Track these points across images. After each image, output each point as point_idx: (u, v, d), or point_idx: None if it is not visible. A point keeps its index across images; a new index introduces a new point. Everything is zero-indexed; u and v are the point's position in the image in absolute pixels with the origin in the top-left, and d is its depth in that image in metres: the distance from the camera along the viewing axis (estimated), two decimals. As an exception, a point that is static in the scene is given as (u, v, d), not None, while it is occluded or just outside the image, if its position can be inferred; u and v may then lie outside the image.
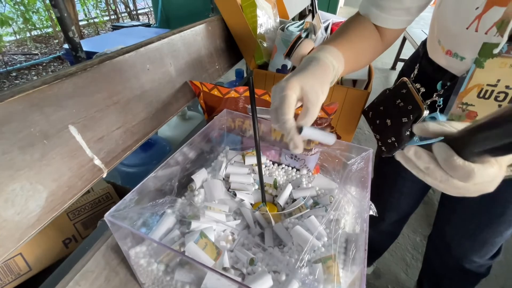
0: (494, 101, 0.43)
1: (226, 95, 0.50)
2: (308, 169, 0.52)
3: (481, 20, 0.40)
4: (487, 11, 0.39)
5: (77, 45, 1.85)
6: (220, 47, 0.66)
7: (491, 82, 0.42)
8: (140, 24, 3.62)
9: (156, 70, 0.44)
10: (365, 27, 0.45)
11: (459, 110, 0.47)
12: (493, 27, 0.39)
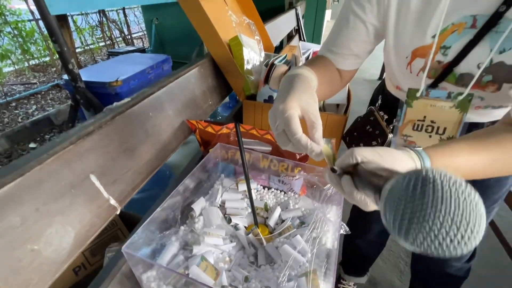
0: (425, 132, 0.52)
1: (218, 132, 0.58)
2: (294, 192, 0.59)
3: (410, 66, 0.49)
4: (412, 62, 0.48)
5: (76, 76, 1.95)
6: (212, 85, 0.74)
7: (419, 118, 0.51)
8: (135, 49, 3.76)
9: (157, 115, 0.52)
10: (328, 64, 0.52)
11: (402, 140, 0.56)
12: (420, 72, 0.48)
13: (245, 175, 0.48)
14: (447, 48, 0.44)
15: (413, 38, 0.45)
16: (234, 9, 0.95)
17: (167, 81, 0.56)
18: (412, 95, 0.50)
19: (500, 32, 0.38)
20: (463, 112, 0.47)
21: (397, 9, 0.45)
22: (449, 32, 0.42)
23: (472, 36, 0.41)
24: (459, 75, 0.46)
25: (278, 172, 0.57)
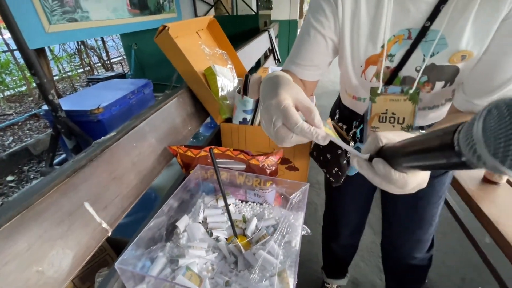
0: (389, 123, 0.62)
1: (197, 155, 0.65)
2: (268, 203, 0.66)
3: (364, 73, 0.59)
4: (366, 70, 0.58)
5: (57, 107, 1.96)
6: (191, 112, 0.82)
7: (382, 111, 0.61)
8: (115, 74, 3.79)
9: (141, 145, 0.59)
10: (292, 77, 0.58)
11: (371, 131, 0.65)
12: (373, 77, 0.58)
13: (222, 193, 0.55)
14: (392, 55, 0.54)
15: (366, 49, 0.54)
16: (207, 41, 1.05)
17: (149, 113, 0.64)
18: (374, 92, 0.59)
19: (429, 41, 0.49)
20: (415, 103, 0.56)
21: (350, 26, 0.54)
22: (392, 42, 0.52)
23: (409, 45, 0.51)
24: (402, 78, 0.56)
25: (253, 186, 0.65)
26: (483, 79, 0.46)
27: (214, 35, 1.11)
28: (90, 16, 2.12)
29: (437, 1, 0.45)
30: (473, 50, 0.46)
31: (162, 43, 0.77)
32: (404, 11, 0.48)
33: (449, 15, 0.45)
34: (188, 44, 0.89)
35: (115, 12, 2.39)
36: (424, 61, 0.51)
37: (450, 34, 0.47)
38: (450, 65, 0.50)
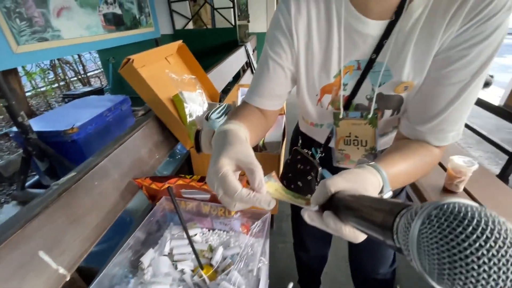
0: (353, 145, 0.65)
1: (161, 188, 0.66)
2: (235, 230, 0.68)
3: (320, 102, 0.62)
4: (322, 98, 0.61)
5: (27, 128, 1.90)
6: (158, 140, 0.83)
7: (346, 134, 0.64)
8: (92, 89, 3.71)
9: (103, 182, 0.59)
10: (254, 109, 0.60)
11: (339, 154, 0.68)
12: (329, 105, 0.61)
13: (184, 228, 0.56)
14: (345, 84, 0.57)
15: (320, 79, 0.57)
16: (177, 66, 1.07)
17: (111, 149, 0.64)
18: (337, 117, 0.62)
19: (377, 72, 0.52)
20: (374, 127, 0.60)
21: (305, 57, 0.56)
22: (344, 72, 0.55)
23: (359, 75, 0.55)
24: (355, 105, 0.60)
25: (218, 216, 0.67)
26: (421, 108, 0.50)
27: (184, 59, 1.14)
28: (62, 35, 2.08)
29: (381, 36, 0.49)
30: (414, 81, 0.50)
31: (126, 74, 0.78)
32: (352, 44, 0.52)
33: (391, 49, 0.49)
34: (155, 72, 0.91)
35: (89, 29, 2.36)
36: (374, 90, 0.55)
37: (393, 66, 0.50)
38: (395, 95, 0.54)
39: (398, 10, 0.46)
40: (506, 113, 1.80)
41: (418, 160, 0.47)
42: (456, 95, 0.44)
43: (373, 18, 0.48)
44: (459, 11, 0.41)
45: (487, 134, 2.35)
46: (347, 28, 0.50)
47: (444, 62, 0.44)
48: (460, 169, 1.02)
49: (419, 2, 0.44)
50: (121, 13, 2.79)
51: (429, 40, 0.45)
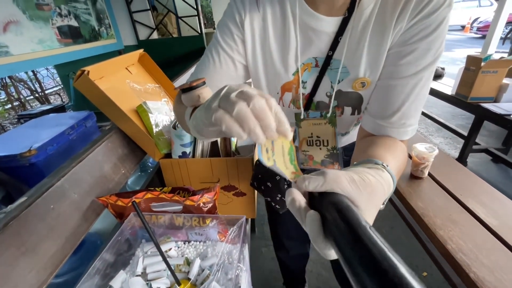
0: (316, 146, 0.66)
1: (128, 204, 0.62)
2: (212, 240, 0.66)
3: (282, 100, 0.62)
4: (283, 97, 0.61)
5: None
6: (124, 154, 0.78)
7: (308, 135, 0.65)
8: (51, 107, 3.44)
9: (60, 205, 0.54)
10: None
11: (303, 156, 0.69)
12: (291, 103, 0.61)
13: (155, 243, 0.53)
14: (304, 82, 0.57)
15: (279, 76, 0.56)
16: (139, 76, 1.02)
17: (69, 167, 0.59)
18: (298, 118, 0.62)
19: (334, 69, 0.53)
20: (334, 126, 0.61)
21: (262, 56, 0.55)
22: (303, 70, 0.55)
23: (317, 73, 0.55)
24: (316, 103, 0.60)
25: (193, 226, 0.64)
26: (381, 103, 0.51)
27: (146, 68, 1.10)
28: (10, 51, 1.92)
29: (335, 33, 0.50)
30: (370, 77, 0.51)
31: (82, 87, 0.73)
32: (308, 41, 0.52)
33: (347, 46, 0.50)
34: (115, 83, 0.86)
35: (41, 43, 2.21)
36: (332, 88, 0.56)
37: (350, 63, 0.52)
38: (353, 91, 0.55)
39: (350, 7, 0.47)
40: (458, 101, 1.96)
41: (400, 157, 0.45)
42: (411, 89, 0.46)
43: (326, 14, 0.49)
44: (406, 8, 0.43)
45: (444, 121, 2.55)
46: (302, 25, 0.51)
47: (396, 56, 0.46)
48: (423, 155, 1.09)
49: (368, 1, 0.46)
50: (78, 25, 2.65)
51: (381, 37, 0.47)
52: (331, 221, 0.24)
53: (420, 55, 0.44)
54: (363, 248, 0.20)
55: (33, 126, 2.31)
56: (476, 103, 1.85)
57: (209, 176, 0.89)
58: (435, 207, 0.98)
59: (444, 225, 0.90)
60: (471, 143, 1.99)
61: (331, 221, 0.24)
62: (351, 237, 0.22)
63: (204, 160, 0.87)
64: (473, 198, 1.01)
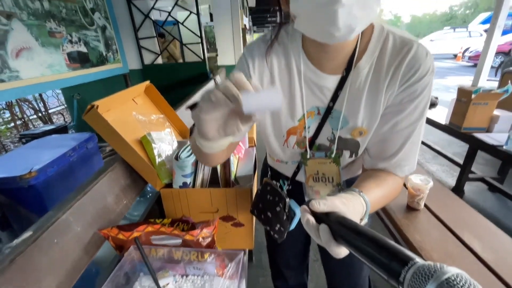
0: (322, 182, 0.69)
1: (129, 237, 0.63)
2: (209, 274, 0.66)
3: (287, 142, 0.66)
4: (288, 138, 0.66)
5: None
6: (126, 184, 0.80)
7: (314, 172, 0.68)
8: (54, 127, 3.49)
9: (63, 238, 0.55)
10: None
11: (310, 191, 0.71)
12: (295, 145, 0.65)
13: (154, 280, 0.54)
14: (308, 127, 0.62)
15: (286, 123, 0.62)
16: (144, 107, 1.07)
17: (74, 199, 0.61)
18: (304, 157, 0.67)
19: (335, 118, 0.58)
20: (338, 165, 0.65)
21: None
22: (306, 116, 0.61)
23: (320, 120, 0.60)
24: (318, 145, 0.65)
25: (191, 260, 0.65)
26: (380, 149, 0.58)
27: (152, 98, 1.15)
28: (20, 75, 2.00)
29: (335, 88, 0.56)
30: (367, 128, 0.58)
31: (91, 120, 0.77)
32: (312, 93, 0.59)
33: (346, 99, 0.56)
34: (122, 115, 0.91)
35: (51, 68, 2.31)
36: (333, 134, 0.61)
37: (349, 114, 0.57)
38: (352, 138, 0.61)
39: (347, 68, 0.54)
40: (452, 130, 2.02)
41: (388, 187, 0.55)
42: (405, 138, 0.54)
43: (327, 73, 0.55)
44: (395, 75, 0.51)
45: (441, 148, 2.60)
46: (306, 79, 0.57)
47: (392, 114, 0.54)
48: (418, 187, 1.11)
49: (364, 64, 0.53)
50: (87, 51, 2.77)
51: (376, 96, 0.54)
52: (339, 228, 0.35)
53: (411, 112, 0.52)
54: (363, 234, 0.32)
55: (35, 147, 2.34)
56: (469, 133, 1.91)
57: (209, 206, 0.91)
58: (432, 240, 0.99)
59: (441, 259, 0.90)
60: (467, 172, 2.01)
61: (339, 228, 0.35)
62: (355, 231, 0.33)
63: (204, 191, 0.89)
64: (469, 232, 1.02)
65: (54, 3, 2.35)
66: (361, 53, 0.53)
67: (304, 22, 0.45)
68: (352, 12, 0.39)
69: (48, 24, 2.27)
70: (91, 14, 2.83)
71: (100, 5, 3.00)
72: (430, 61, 0.50)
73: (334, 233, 0.35)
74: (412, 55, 0.49)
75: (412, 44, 0.50)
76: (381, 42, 0.52)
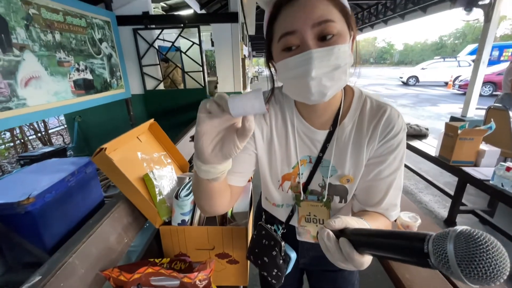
0: (313, 223, 0.74)
1: (131, 279, 0.67)
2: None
3: (282, 186, 0.72)
4: (283, 184, 0.72)
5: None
6: (128, 222, 0.84)
7: (307, 213, 0.73)
8: (53, 149, 3.52)
9: (69, 282, 0.59)
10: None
11: (302, 230, 0.76)
12: (289, 189, 0.71)
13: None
14: (301, 174, 0.69)
15: (281, 168, 0.69)
16: (148, 144, 1.14)
17: (80, 242, 0.65)
18: (298, 199, 0.72)
19: (325, 166, 0.65)
20: (329, 209, 0.70)
21: (267, 155, 0.69)
22: (300, 164, 0.68)
23: (311, 168, 0.67)
24: (310, 190, 0.70)
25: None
26: (367, 196, 0.65)
27: (155, 135, 1.22)
28: (27, 103, 2.08)
29: (324, 141, 0.64)
30: (353, 176, 0.65)
31: (100, 162, 0.83)
32: (304, 144, 0.67)
33: (334, 151, 0.64)
34: (127, 154, 0.97)
35: (57, 95, 2.40)
36: (324, 181, 0.67)
37: (337, 163, 0.65)
38: (341, 185, 0.67)
39: (334, 124, 0.62)
40: (441, 163, 2.10)
41: (382, 221, 0.62)
42: (389, 185, 0.62)
43: (317, 128, 0.64)
44: (374, 133, 0.60)
45: (433, 179, 2.66)
46: (299, 132, 0.66)
47: (375, 165, 0.62)
48: (407, 224, 1.16)
49: (348, 122, 0.62)
50: (92, 78, 2.89)
51: (359, 149, 0.62)
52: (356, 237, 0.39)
53: (391, 163, 0.61)
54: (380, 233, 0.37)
55: (34, 171, 2.36)
56: (458, 166, 1.99)
57: (205, 243, 0.94)
58: (422, 279, 1.02)
59: (429, 300, 0.93)
60: (458, 204, 2.07)
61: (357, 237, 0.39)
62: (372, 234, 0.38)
63: (201, 229, 0.93)
64: (456, 270, 1.05)
65: (65, 35, 2.49)
66: (345, 112, 0.63)
67: (288, 88, 0.56)
68: (321, 82, 0.49)
69: (58, 54, 2.39)
70: (99, 44, 2.99)
71: (108, 35, 3.17)
72: (402, 121, 0.60)
73: (354, 243, 0.38)
74: (386, 117, 0.59)
75: (386, 108, 0.60)
76: (361, 104, 0.62)
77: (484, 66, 4.08)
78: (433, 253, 0.29)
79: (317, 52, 0.47)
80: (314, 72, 0.47)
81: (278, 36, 0.51)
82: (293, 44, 0.49)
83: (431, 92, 11.30)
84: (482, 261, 0.26)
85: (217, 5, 5.72)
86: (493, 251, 0.26)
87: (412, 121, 3.65)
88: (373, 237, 0.37)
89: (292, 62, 0.49)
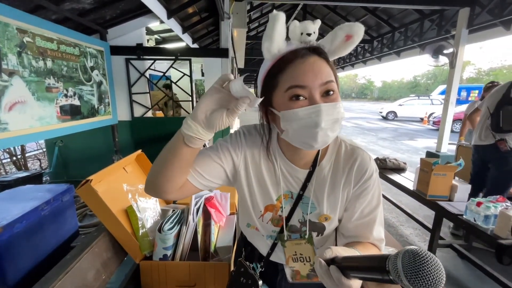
0: (300, 262, 0.74)
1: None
2: None
3: (263, 217, 0.73)
4: (264, 214, 0.73)
5: None
6: (107, 258, 0.82)
7: (293, 253, 0.74)
8: (28, 175, 3.34)
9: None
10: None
11: (291, 271, 0.76)
12: (269, 221, 0.72)
13: None
14: (283, 208, 0.70)
15: (263, 199, 0.71)
16: (133, 174, 1.14)
17: (57, 279, 0.63)
18: (282, 239, 0.73)
19: (305, 203, 0.68)
20: (312, 245, 0.72)
21: (247, 183, 0.70)
22: (282, 198, 0.70)
23: (292, 203, 0.69)
24: (290, 226, 0.72)
25: None
26: (353, 233, 0.69)
27: (141, 165, 1.22)
28: (8, 127, 2.04)
29: (304, 179, 0.68)
30: (331, 214, 0.69)
31: (84, 194, 0.83)
32: (287, 180, 0.71)
33: (314, 189, 0.68)
34: (112, 185, 0.97)
35: (41, 120, 2.36)
36: (304, 217, 0.70)
37: (316, 201, 0.69)
38: (319, 222, 0.70)
39: (313, 165, 0.68)
40: (419, 196, 2.19)
41: (372, 249, 0.65)
42: (373, 222, 0.67)
43: (299, 167, 0.69)
44: (349, 176, 0.66)
45: (412, 212, 2.74)
46: (283, 170, 0.70)
47: (353, 206, 0.68)
48: (388, 259, 1.19)
49: (325, 163, 0.68)
50: (80, 104, 2.89)
51: (335, 190, 0.68)
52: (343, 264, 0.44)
53: (370, 201, 0.67)
54: (357, 257, 0.44)
55: (5, 199, 2.20)
56: (434, 200, 2.08)
57: (187, 279, 0.92)
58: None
59: None
60: (437, 238, 2.12)
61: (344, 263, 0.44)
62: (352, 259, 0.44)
63: (183, 264, 0.91)
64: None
65: (57, 62, 2.54)
66: (323, 154, 0.69)
67: (292, 136, 0.59)
68: (326, 133, 0.55)
69: (47, 80, 2.40)
70: (90, 72, 3.04)
71: (100, 64, 3.24)
72: (373, 163, 0.67)
73: (341, 269, 0.43)
74: (359, 162, 0.66)
75: (358, 153, 0.67)
76: (337, 147, 0.69)
77: (453, 106, 4.47)
78: (392, 269, 0.35)
79: (325, 106, 0.54)
80: (323, 124, 0.54)
81: (285, 87, 0.56)
82: (302, 95, 0.56)
83: (409, 126, 12.00)
84: (424, 273, 0.33)
85: (209, 40, 6.04)
86: (432, 265, 0.33)
87: (391, 154, 3.83)
88: (352, 261, 0.43)
89: (302, 113, 0.55)
